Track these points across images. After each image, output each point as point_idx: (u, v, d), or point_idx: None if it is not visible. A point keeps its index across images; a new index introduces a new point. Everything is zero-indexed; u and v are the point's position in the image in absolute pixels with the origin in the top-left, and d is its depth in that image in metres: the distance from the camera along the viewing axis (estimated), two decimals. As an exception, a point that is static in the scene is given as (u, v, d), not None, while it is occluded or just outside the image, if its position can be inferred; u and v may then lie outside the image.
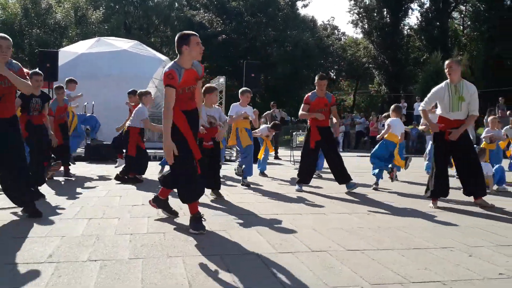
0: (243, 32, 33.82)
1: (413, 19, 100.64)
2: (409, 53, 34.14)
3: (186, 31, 3.94)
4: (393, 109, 6.93)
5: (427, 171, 7.48)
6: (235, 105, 6.96)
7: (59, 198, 5.52)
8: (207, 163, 5.02)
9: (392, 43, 32.26)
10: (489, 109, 17.21)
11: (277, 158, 13.07)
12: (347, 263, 3.08)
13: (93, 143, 10.93)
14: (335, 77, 40.66)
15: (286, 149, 16.37)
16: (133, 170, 7.12)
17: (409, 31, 34.79)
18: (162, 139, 3.84)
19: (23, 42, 27.24)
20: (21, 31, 27.70)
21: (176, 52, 3.89)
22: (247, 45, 33.47)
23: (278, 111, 14.47)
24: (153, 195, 4.59)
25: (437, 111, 5.49)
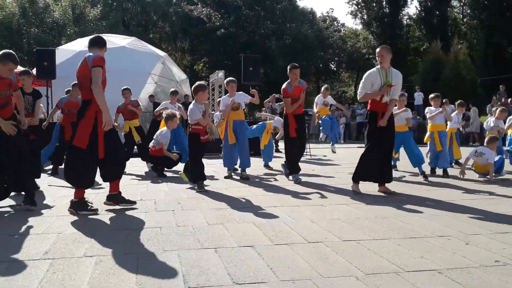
0: (241, 26, 33.70)
1: (412, 8, 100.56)
2: (409, 42, 33.99)
3: None
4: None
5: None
6: (224, 98, 7.03)
7: (56, 195, 5.53)
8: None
9: (391, 33, 32.10)
10: (496, 97, 17.17)
11: (277, 151, 13.06)
12: (343, 253, 3.08)
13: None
14: (335, 69, 40.53)
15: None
16: (161, 164, 7.58)
17: (408, 20, 34.64)
18: None
19: (21, 41, 27.20)
20: (19, 30, 27.64)
21: (175, 47, 3.88)
22: (246, 38, 33.33)
23: (277, 104, 14.39)
24: (152, 193, 4.59)
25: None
